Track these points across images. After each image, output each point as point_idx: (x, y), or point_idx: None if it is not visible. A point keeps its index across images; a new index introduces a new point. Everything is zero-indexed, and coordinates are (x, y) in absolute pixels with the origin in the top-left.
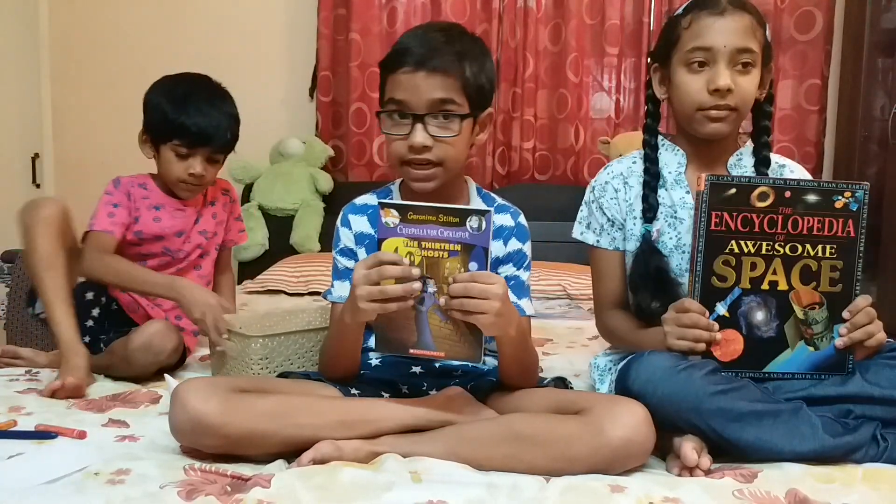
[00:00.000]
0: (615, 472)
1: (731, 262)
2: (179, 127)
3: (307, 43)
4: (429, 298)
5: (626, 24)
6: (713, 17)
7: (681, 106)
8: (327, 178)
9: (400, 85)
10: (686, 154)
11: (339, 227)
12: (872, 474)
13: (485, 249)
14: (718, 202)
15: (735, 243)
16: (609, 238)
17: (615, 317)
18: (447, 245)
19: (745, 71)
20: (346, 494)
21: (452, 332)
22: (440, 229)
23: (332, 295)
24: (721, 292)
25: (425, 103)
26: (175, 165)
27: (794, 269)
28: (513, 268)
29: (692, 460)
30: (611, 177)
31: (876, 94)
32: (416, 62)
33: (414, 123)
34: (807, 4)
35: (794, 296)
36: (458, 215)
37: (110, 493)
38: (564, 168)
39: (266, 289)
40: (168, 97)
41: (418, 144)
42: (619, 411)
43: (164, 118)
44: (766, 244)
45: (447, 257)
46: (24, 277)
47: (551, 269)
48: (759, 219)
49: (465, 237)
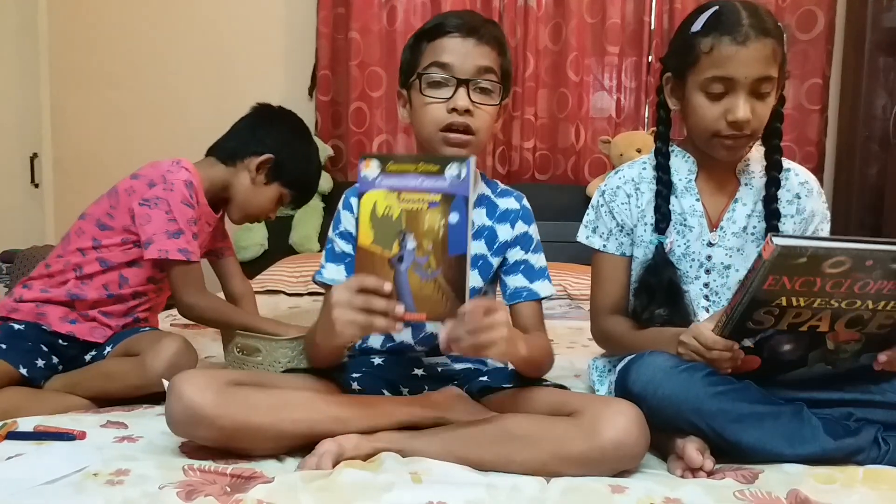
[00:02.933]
0: (608, 474)
1: (774, 312)
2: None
3: (307, 42)
4: (408, 255)
5: (627, 23)
6: (735, 46)
7: (696, 128)
8: (327, 178)
9: (446, 49)
10: (696, 161)
11: (341, 209)
12: (873, 475)
13: (465, 199)
14: (782, 269)
15: (785, 299)
16: (617, 243)
17: (612, 321)
18: (427, 196)
19: (764, 96)
20: (346, 495)
21: (433, 292)
22: (421, 178)
23: (323, 276)
24: (753, 332)
25: (472, 69)
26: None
27: (843, 318)
28: (521, 251)
29: (697, 462)
30: (622, 182)
31: (877, 93)
32: (467, 30)
33: (457, 87)
34: (808, 4)
35: (832, 335)
36: (438, 163)
37: (109, 493)
38: (565, 168)
39: (266, 289)
40: None
41: (462, 107)
42: (611, 413)
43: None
44: (821, 300)
45: (427, 209)
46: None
47: (552, 269)
48: (823, 281)
49: (445, 186)
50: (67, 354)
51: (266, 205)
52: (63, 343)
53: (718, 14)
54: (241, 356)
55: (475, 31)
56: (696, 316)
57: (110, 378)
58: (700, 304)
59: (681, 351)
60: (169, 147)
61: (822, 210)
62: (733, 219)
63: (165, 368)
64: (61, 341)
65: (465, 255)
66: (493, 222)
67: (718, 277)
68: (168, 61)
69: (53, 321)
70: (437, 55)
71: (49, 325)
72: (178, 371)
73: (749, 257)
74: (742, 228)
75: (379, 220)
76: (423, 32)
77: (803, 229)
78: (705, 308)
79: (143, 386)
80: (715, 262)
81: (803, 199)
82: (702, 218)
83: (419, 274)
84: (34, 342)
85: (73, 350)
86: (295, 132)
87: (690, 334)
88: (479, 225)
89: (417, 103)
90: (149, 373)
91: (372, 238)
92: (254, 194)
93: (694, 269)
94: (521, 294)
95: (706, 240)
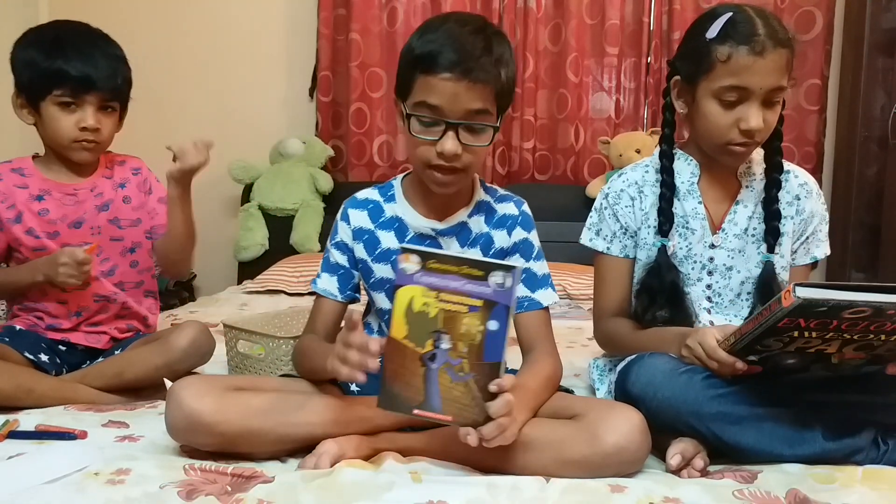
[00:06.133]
0: (609, 478)
1: (784, 340)
2: (57, 73)
3: (307, 43)
4: (441, 355)
5: (627, 24)
6: (752, 56)
7: (706, 134)
8: (327, 178)
9: (436, 89)
10: (699, 164)
11: (339, 220)
12: (872, 474)
13: (507, 308)
14: (799, 314)
15: (798, 332)
16: (620, 245)
17: (615, 323)
18: (468, 300)
19: (774, 105)
20: (346, 494)
21: (462, 395)
22: (463, 281)
23: (318, 286)
24: (759, 352)
25: (462, 112)
26: (62, 122)
27: (852, 345)
28: (522, 259)
29: (672, 467)
30: (626, 185)
31: (876, 93)
32: (461, 71)
33: (446, 130)
34: (807, 4)
35: (839, 355)
36: (482, 268)
37: (110, 493)
38: (564, 168)
39: (266, 289)
40: (37, 45)
41: (450, 152)
42: (613, 417)
43: (37, 68)
44: (835, 335)
45: (466, 312)
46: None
47: (551, 269)
48: (839, 322)
49: (488, 293)
50: (70, 361)
51: (60, 128)
52: (62, 348)
53: (733, 21)
54: (242, 355)
55: (467, 73)
56: (697, 318)
57: (129, 363)
58: (702, 306)
59: (684, 353)
60: None
61: (820, 211)
62: (735, 220)
63: (189, 343)
64: (60, 346)
65: (501, 363)
66: (489, 228)
67: (721, 279)
68: (169, 62)
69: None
70: (427, 94)
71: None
72: (199, 349)
73: (750, 258)
74: (743, 230)
75: (414, 316)
76: (418, 58)
77: (802, 229)
78: (707, 310)
79: (166, 364)
80: (717, 263)
81: (803, 200)
82: (704, 220)
83: (450, 374)
84: (35, 342)
85: (74, 357)
86: (14, 49)
87: (696, 340)
88: (477, 232)
89: (408, 134)
90: (172, 347)
91: (405, 333)
92: (47, 131)
93: (696, 271)
94: (523, 304)
95: (708, 242)
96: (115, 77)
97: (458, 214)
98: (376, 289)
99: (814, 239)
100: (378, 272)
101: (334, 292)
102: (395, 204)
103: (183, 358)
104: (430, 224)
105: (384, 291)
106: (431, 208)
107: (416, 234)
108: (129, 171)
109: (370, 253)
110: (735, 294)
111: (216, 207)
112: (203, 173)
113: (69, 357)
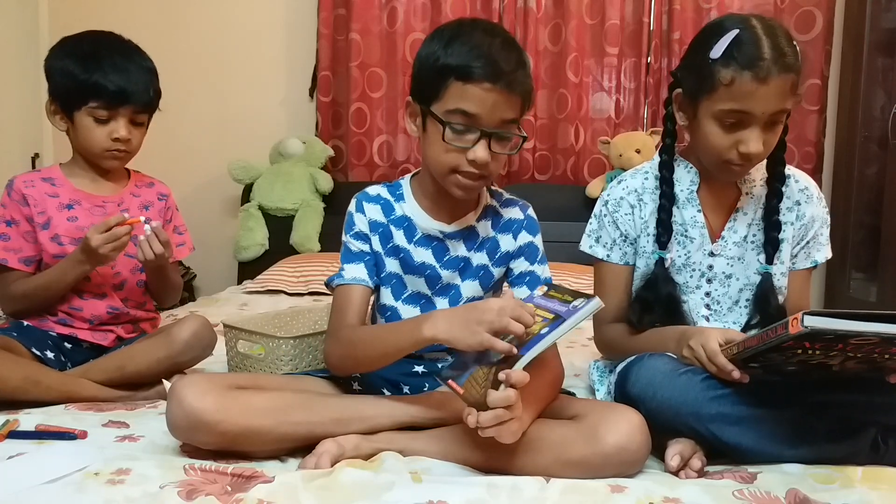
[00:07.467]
0: (609, 479)
1: (788, 356)
2: (94, 86)
3: (307, 43)
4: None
5: (626, 24)
6: (756, 83)
7: (705, 152)
8: (327, 178)
9: (475, 98)
10: (699, 172)
11: (354, 212)
12: (872, 474)
13: (563, 321)
14: (805, 339)
15: (802, 351)
16: (620, 253)
17: (615, 329)
18: (547, 314)
19: (777, 126)
20: (346, 494)
21: (482, 376)
22: (556, 303)
23: (345, 277)
24: (762, 362)
25: (497, 121)
26: (96, 132)
27: (854, 360)
28: (526, 262)
29: (672, 467)
30: (626, 192)
31: (876, 93)
32: (504, 84)
33: (480, 138)
34: (807, 4)
35: (840, 366)
36: (574, 296)
37: (110, 493)
38: (564, 168)
39: (266, 289)
40: (75, 57)
41: (482, 160)
42: (614, 418)
43: (75, 80)
44: (838, 353)
45: (541, 321)
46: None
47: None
48: (844, 346)
49: (562, 310)
50: (75, 360)
51: (92, 138)
52: (67, 345)
53: (739, 42)
54: (242, 355)
55: (509, 84)
56: (695, 326)
57: (132, 356)
58: (700, 313)
59: (685, 354)
60: (170, 147)
61: (822, 215)
62: (734, 228)
63: (191, 335)
64: (66, 343)
65: (524, 357)
66: (495, 232)
67: (720, 287)
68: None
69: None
70: (464, 102)
71: (52, 329)
72: (201, 340)
73: (749, 265)
74: (743, 238)
75: None
76: (452, 68)
77: (803, 234)
78: (705, 317)
79: (168, 356)
80: (716, 271)
81: (803, 205)
82: (703, 229)
83: (488, 357)
84: (42, 338)
85: (79, 356)
86: (50, 57)
87: (699, 341)
88: (483, 236)
89: (434, 139)
90: (175, 339)
91: None
92: (79, 140)
93: (695, 279)
94: None
95: (708, 250)
96: (148, 91)
97: (466, 218)
98: (385, 283)
99: (814, 243)
100: (389, 266)
101: (365, 278)
102: (405, 203)
103: (185, 350)
104: (438, 226)
105: (390, 287)
106: (440, 210)
107: (425, 234)
108: (155, 196)
109: (383, 246)
110: (733, 301)
111: (216, 207)
112: (203, 173)
113: (74, 355)
